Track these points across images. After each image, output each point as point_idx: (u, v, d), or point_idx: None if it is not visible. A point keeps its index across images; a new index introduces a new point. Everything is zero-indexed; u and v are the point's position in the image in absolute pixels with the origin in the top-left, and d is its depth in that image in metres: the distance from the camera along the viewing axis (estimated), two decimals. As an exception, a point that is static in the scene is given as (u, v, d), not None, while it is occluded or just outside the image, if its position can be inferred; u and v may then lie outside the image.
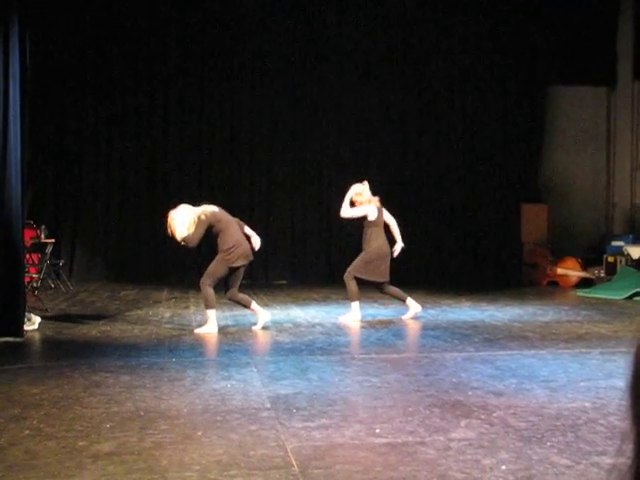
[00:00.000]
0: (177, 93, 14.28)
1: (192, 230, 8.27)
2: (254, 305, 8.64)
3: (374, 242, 9.24)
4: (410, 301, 9.36)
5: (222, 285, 8.61)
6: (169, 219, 8.36)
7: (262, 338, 8.19)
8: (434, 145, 14.76)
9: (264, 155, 14.54)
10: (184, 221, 8.28)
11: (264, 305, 9.78)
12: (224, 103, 14.45)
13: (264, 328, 8.62)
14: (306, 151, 14.59)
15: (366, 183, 9.46)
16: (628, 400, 0.94)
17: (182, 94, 14.29)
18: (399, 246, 9.36)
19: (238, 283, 8.52)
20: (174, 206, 8.45)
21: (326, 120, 14.60)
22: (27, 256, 10.78)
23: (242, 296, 8.63)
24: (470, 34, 14.63)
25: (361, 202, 9.33)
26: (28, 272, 10.99)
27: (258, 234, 14.07)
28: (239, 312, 9.50)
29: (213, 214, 8.42)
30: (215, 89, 14.42)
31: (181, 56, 14.20)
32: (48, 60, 13.46)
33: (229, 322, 9.12)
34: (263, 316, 8.65)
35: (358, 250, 9.62)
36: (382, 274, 9.22)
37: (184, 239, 8.28)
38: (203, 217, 8.33)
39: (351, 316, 9.25)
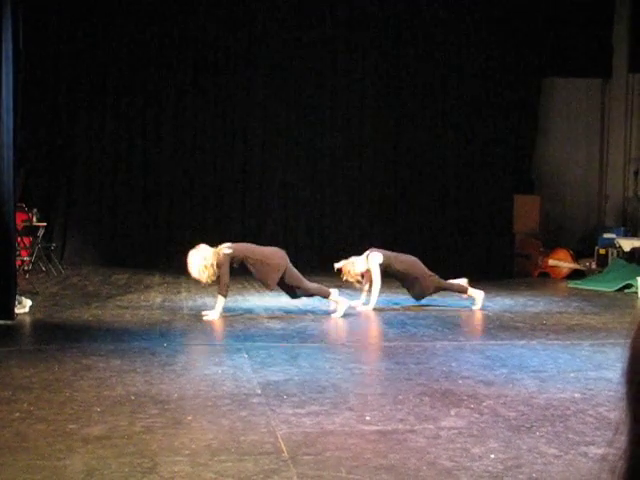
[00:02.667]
0: (171, 77, 14.21)
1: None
2: (333, 296, 8.73)
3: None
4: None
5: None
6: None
7: (253, 325, 8.19)
8: (427, 135, 14.75)
9: (257, 144, 14.50)
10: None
11: (256, 292, 9.79)
12: (219, 87, 14.39)
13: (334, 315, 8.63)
14: (299, 141, 14.56)
15: (350, 261, 9.36)
16: (623, 385, 0.95)
17: (176, 77, 14.21)
18: None
19: (300, 278, 8.65)
20: (168, 195, 8.41)
21: (319, 109, 14.56)
22: (18, 239, 10.74)
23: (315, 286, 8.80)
24: (466, 25, 14.60)
25: (361, 271, 9.26)
26: (19, 255, 10.95)
27: (250, 220, 14.26)
28: (231, 299, 9.48)
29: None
30: (210, 71, 14.34)
31: (176, 33, 14.09)
32: (41, 43, 13.38)
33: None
34: (342, 304, 8.70)
35: (349, 239, 9.66)
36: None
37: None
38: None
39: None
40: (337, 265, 9.37)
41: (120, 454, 3.92)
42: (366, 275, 9.33)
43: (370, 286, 9.33)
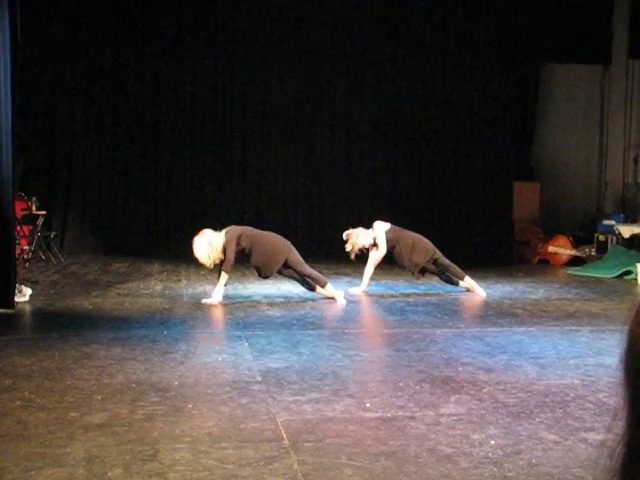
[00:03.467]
0: (170, 63, 14.15)
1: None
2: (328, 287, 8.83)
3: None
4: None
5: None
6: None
7: (253, 312, 8.20)
8: (427, 123, 14.72)
9: (256, 131, 14.48)
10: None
11: (256, 280, 9.78)
12: (218, 74, 14.34)
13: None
14: (298, 129, 14.53)
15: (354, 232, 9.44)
16: (622, 370, 0.95)
17: (175, 64, 14.16)
18: None
19: (300, 266, 8.72)
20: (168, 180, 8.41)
21: (319, 96, 14.53)
22: (18, 228, 10.74)
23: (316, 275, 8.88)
24: (465, 11, 14.54)
25: (363, 244, 9.32)
26: (19, 244, 10.95)
27: (250, 206, 14.25)
28: (230, 286, 9.49)
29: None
30: (209, 56, 14.28)
31: (173, 22, 14.04)
32: (39, 30, 13.33)
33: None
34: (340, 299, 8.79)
35: (347, 226, 9.72)
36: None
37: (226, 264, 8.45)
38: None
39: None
40: (345, 233, 9.51)
41: (121, 442, 3.93)
42: (370, 249, 9.40)
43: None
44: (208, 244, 8.31)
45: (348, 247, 9.35)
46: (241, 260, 8.95)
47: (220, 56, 14.31)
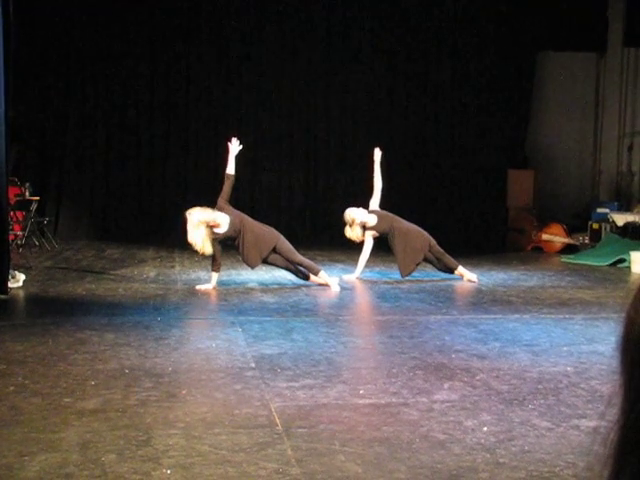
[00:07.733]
0: (163, 49, 14.08)
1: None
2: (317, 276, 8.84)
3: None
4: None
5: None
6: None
7: (247, 298, 8.20)
8: (421, 110, 14.69)
9: (252, 118, 14.44)
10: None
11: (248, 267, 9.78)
12: (214, 62, 14.29)
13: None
14: (296, 110, 14.51)
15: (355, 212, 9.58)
16: (618, 354, 0.95)
17: (168, 50, 14.09)
18: None
19: (290, 254, 8.74)
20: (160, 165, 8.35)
21: (317, 83, 14.49)
22: (11, 214, 10.71)
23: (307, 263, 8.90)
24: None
25: (362, 222, 9.46)
26: (12, 230, 10.92)
27: (243, 197, 14.23)
28: (224, 272, 9.48)
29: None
30: (204, 44, 14.24)
31: (168, 6, 13.97)
32: (33, 15, 13.24)
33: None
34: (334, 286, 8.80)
35: (341, 213, 9.77)
36: None
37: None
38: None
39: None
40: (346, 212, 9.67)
41: (114, 427, 3.94)
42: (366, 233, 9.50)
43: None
44: (197, 220, 8.32)
45: (348, 230, 9.45)
46: (233, 247, 8.93)
47: (215, 39, 14.24)
